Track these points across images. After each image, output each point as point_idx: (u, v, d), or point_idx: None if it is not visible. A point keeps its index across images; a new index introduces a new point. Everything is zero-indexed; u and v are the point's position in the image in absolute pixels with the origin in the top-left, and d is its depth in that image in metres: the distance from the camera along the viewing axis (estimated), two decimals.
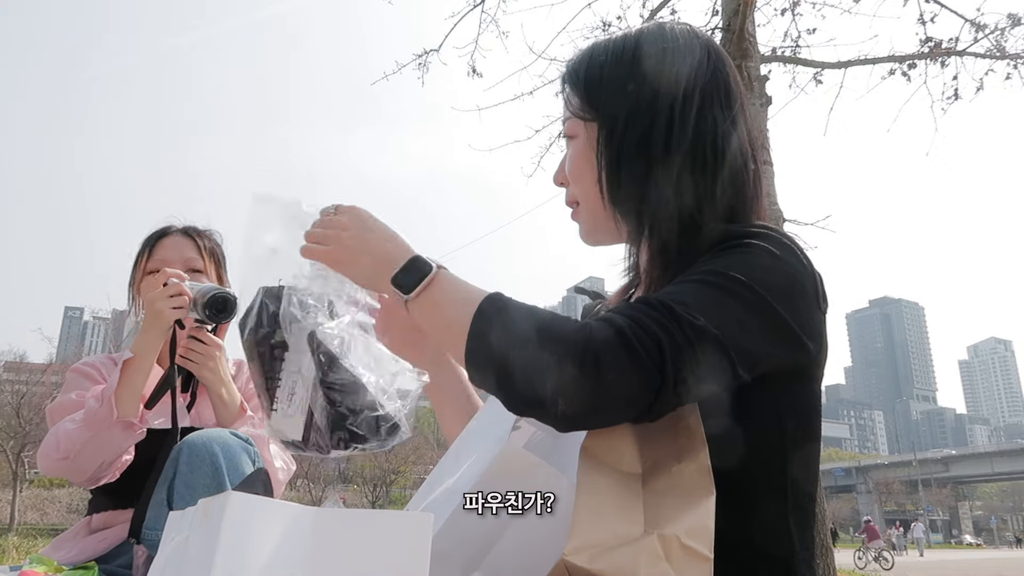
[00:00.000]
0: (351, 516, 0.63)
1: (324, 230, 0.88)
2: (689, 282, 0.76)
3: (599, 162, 0.92)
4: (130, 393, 1.43)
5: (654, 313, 0.70)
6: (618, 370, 0.67)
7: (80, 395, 1.53)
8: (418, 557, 0.60)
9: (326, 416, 0.87)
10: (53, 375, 23.91)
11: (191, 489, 1.12)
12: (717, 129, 0.91)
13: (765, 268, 0.77)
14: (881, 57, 5.10)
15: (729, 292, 0.74)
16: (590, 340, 0.68)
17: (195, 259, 1.73)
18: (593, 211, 0.96)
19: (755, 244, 0.80)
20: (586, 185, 0.95)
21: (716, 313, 0.72)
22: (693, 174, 0.89)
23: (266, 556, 0.58)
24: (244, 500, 0.59)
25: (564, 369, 0.67)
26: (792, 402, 0.83)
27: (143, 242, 1.76)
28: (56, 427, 1.48)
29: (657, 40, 0.95)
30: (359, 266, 0.86)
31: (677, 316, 0.70)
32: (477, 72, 5.93)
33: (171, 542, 0.69)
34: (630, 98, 0.90)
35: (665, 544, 0.64)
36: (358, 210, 0.89)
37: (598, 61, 0.95)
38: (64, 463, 1.43)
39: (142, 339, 1.45)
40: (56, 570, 1.26)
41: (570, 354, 0.68)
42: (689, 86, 0.91)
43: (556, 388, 0.68)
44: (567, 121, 0.97)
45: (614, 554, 0.63)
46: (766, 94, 4.09)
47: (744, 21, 4.06)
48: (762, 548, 0.72)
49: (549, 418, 0.71)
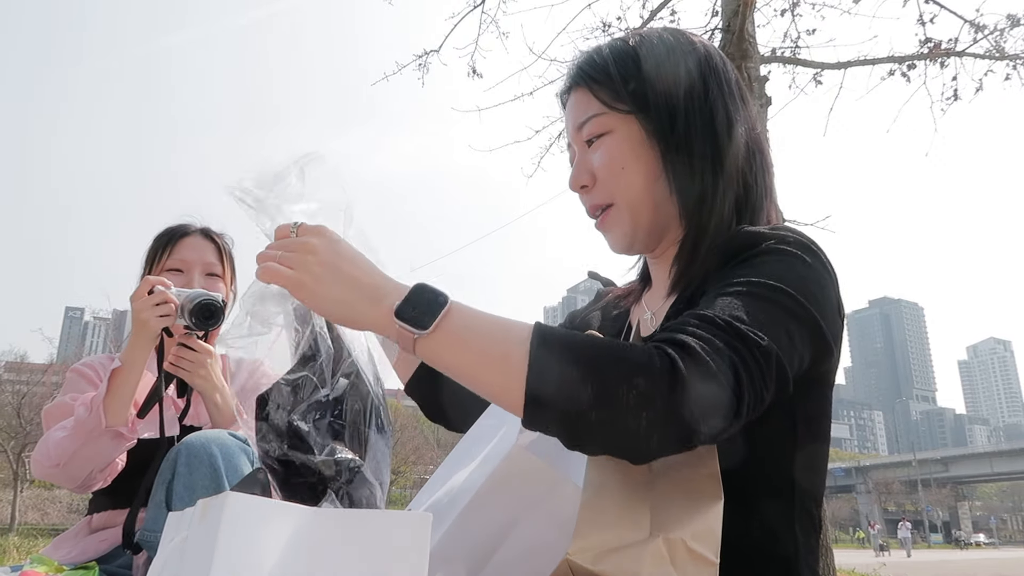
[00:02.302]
0: (350, 516, 0.62)
1: (287, 252, 0.75)
2: (738, 294, 0.74)
3: (654, 152, 0.90)
4: (118, 402, 1.42)
5: (724, 335, 0.67)
6: (705, 402, 0.64)
7: (75, 398, 1.52)
8: (417, 557, 0.60)
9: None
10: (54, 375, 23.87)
11: (190, 490, 1.12)
12: (751, 121, 0.95)
13: (802, 277, 0.77)
14: (881, 58, 5.10)
15: (779, 304, 0.73)
16: (675, 372, 0.63)
17: (215, 263, 1.71)
18: (636, 210, 0.92)
19: (788, 251, 0.80)
20: (631, 180, 0.91)
21: (773, 329, 0.71)
22: (744, 163, 0.92)
23: (265, 556, 0.57)
24: (242, 500, 0.59)
25: (652, 406, 0.62)
26: (807, 407, 0.83)
27: (159, 238, 1.73)
28: (47, 435, 1.48)
29: (673, 36, 0.96)
30: (332, 297, 0.73)
31: (743, 336, 0.68)
32: (477, 72, 5.92)
33: (170, 542, 0.69)
34: (677, 86, 0.90)
35: (670, 547, 0.64)
36: (327, 231, 0.77)
37: (623, 55, 0.93)
38: (55, 470, 1.44)
39: (130, 348, 1.44)
40: (57, 570, 1.26)
41: (657, 389, 0.62)
42: (722, 75, 0.94)
43: (645, 427, 0.62)
44: (591, 120, 0.93)
45: (618, 556, 0.63)
46: (766, 95, 4.08)
47: (744, 22, 4.06)
48: (766, 550, 0.71)
49: (637, 457, 0.67)
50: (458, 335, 0.69)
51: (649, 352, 0.65)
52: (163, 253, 1.70)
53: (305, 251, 0.75)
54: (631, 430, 0.62)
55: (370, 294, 0.73)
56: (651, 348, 0.65)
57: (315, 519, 0.61)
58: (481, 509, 0.73)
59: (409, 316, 0.69)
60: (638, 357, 0.64)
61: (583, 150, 0.95)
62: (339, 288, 0.73)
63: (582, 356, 0.65)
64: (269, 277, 0.75)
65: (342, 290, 0.73)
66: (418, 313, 0.69)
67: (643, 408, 0.62)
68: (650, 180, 0.91)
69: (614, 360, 0.64)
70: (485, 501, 0.73)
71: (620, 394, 0.62)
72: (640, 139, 0.91)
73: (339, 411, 0.82)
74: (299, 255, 0.75)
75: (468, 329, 0.69)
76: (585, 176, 0.94)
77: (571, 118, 0.96)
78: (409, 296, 0.70)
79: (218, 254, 1.73)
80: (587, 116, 0.93)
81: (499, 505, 0.73)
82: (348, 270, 0.74)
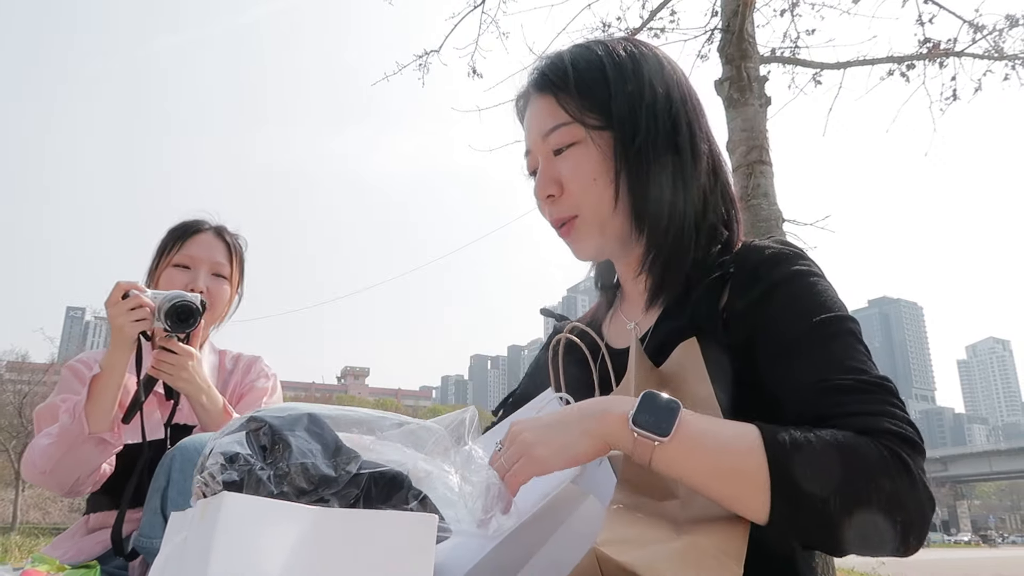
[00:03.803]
0: (353, 516, 0.61)
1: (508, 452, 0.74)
2: (827, 342, 0.78)
3: (622, 165, 0.90)
4: (100, 409, 1.41)
5: (892, 399, 0.73)
6: (922, 480, 0.68)
7: (65, 399, 1.51)
8: (422, 559, 0.59)
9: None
10: (55, 375, 23.86)
11: (184, 496, 1.11)
12: (707, 134, 0.97)
13: (832, 293, 0.83)
14: (880, 58, 5.09)
15: (855, 336, 0.79)
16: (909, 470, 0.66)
17: (223, 264, 1.70)
18: (602, 220, 0.93)
19: (804, 270, 0.85)
20: (598, 192, 0.91)
21: (873, 362, 0.77)
22: (708, 174, 0.94)
23: (263, 557, 0.56)
24: (240, 500, 0.58)
25: (902, 509, 0.65)
26: None
27: (171, 231, 1.71)
28: (34, 441, 1.47)
29: (637, 47, 0.96)
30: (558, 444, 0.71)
31: (894, 392, 0.74)
32: (477, 72, 5.92)
33: (171, 543, 0.69)
34: (644, 100, 0.91)
35: (696, 550, 0.65)
36: (518, 423, 0.76)
37: (590, 65, 0.93)
38: (42, 477, 1.44)
39: (109, 354, 1.43)
40: (58, 569, 1.26)
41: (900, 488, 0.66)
42: (684, 88, 0.95)
43: (900, 530, 0.65)
44: (559, 129, 0.92)
45: (643, 550, 0.63)
46: (765, 94, 4.07)
47: (743, 22, 4.05)
48: (765, 549, 0.72)
49: (895, 553, 0.68)
50: (695, 441, 0.68)
51: (877, 450, 0.67)
52: (172, 247, 1.68)
53: (515, 435, 0.74)
54: (885, 533, 0.65)
55: (594, 416, 0.72)
56: (873, 444, 0.67)
57: (315, 519, 0.60)
58: (519, 535, 0.73)
59: (646, 424, 0.68)
60: (873, 456, 0.67)
61: (548, 158, 0.94)
62: (557, 434, 0.72)
63: (822, 466, 0.65)
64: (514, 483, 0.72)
65: (560, 432, 0.72)
66: (657, 420, 0.68)
67: (894, 511, 0.65)
68: (619, 192, 0.91)
69: (853, 468, 0.66)
70: (525, 527, 0.74)
71: (870, 500, 0.65)
72: (608, 151, 0.91)
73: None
74: (515, 440, 0.74)
75: (704, 434, 0.69)
76: (552, 186, 0.94)
77: (535, 125, 0.95)
78: (643, 404, 0.69)
79: (228, 254, 1.71)
80: (554, 125, 0.92)
81: (533, 529, 0.74)
82: (554, 421, 0.74)
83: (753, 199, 3.76)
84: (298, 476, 0.66)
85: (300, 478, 0.66)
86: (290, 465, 0.66)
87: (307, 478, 0.66)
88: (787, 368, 0.78)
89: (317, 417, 0.72)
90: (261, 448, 0.68)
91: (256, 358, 1.82)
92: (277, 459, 0.67)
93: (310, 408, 0.73)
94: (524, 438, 0.73)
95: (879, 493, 0.65)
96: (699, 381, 0.79)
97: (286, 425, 0.69)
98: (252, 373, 1.77)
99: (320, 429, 0.71)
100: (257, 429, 0.69)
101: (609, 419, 0.70)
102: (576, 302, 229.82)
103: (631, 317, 1.01)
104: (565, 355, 0.98)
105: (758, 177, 3.81)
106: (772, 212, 3.78)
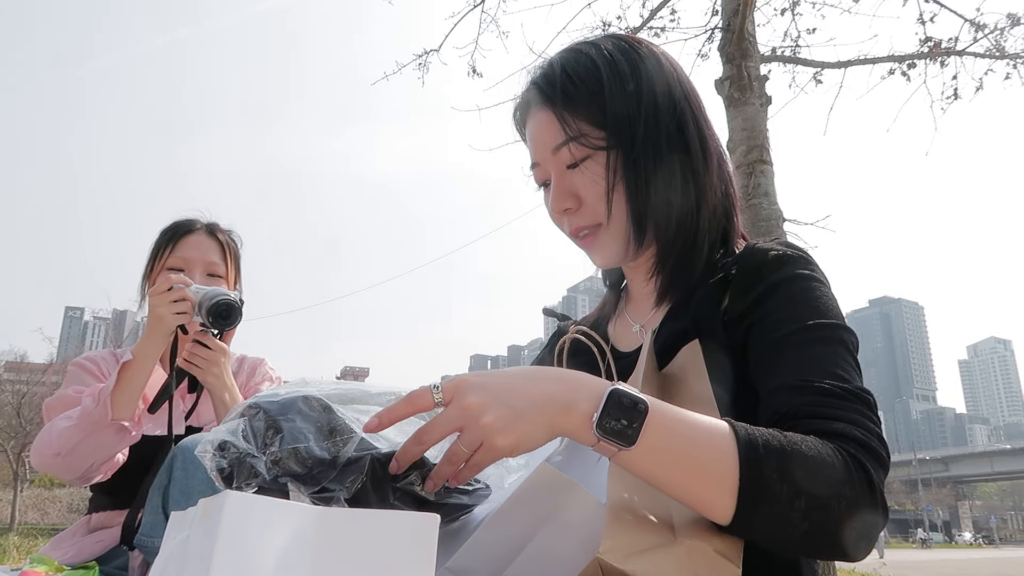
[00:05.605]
0: (355, 515, 0.61)
1: (459, 431, 0.66)
2: (816, 345, 0.78)
3: (633, 172, 0.89)
4: (127, 396, 1.42)
5: (867, 412, 0.74)
6: (881, 493, 0.69)
7: (78, 391, 1.51)
8: (424, 558, 0.58)
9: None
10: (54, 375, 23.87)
11: (186, 495, 1.11)
12: (711, 131, 0.96)
13: (831, 301, 0.83)
14: (881, 57, 5.10)
15: (846, 346, 0.79)
16: (871, 481, 0.68)
17: (217, 264, 1.68)
18: (623, 228, 0.92)
19: (805, 275, 0.84)
20: (616, 201, 0.90)
21: (858, 373, 0.78)
22: (717, 173, 0.94)
23: (266, 556, 0.56)
24: (243, 499, 0.58)
25: (859, 516, 0.66)
26: None
27: (163, 233, 1.69)
28: (51, 423, 1.47)
29: (631, 46, 0.94)
30: (527, 432, 0.66)
31: (871, 406, 0.75)
32: (477, 72, 5.92)
33: (172, 542, 0.69)
34: (644, 102, 0.90)
35: (695, 551, 0.66)
36: (466, 380, 0.67)
37: (587, 72, 0.90)
38: (56, 460, 1.43)
39: (143, 343, 1.44)
40: (57, 569, 1.26)
41: (862, 498, 0.67)
42: (686, 85, 0.94)
43: (856, 533, 0.66)
44: (569, 144, 0.89)
45: (646, 557, 0.64)
46: (766, 94, 4.07)
47: (744, 21, 4.05)
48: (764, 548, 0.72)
49: (844, 558, 0.69)
50: (663, 445, 0.65)
51: (842, 457, 0.68)
52: (165, 250, 1.67)
53: (472, 415, 0.65)
54: (839, 539, 0.66)
55: (551, 405, 0.66)
56: (839, 451, 0.68)
57: (318, 518, 0.60)
58: (501, 522, 0.73)
59: (614, 430, 0.64)
60: (839, 464, 0.67)
61: (561, 172, 0.92)
62: (519, 421, 0.65)
63: (792, 471, 0.66)
64: (468, 474, 0.69)
65: (521, 420, 0.65)
66: (625, 424, 0.64)
67: (852, 519, 0.66)
68: (636, 199, 0.90)
69: (820, 473, 0.66)
70: (507, 515, 0.73)
71: (830, 506, 0.65)
72: (622, 160, 0.90)
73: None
74: (472, 424, 0.65)
75: (672, 437, 0.66)
76: (570, 200, 0.92)
77: (541, 140, 0.92)
78: (608, 404, 0.65)
79: (222, 253, 1.70)
80: (563, 140, 0.90)
81: (519, 518, 0.73)
82: (517, 399, 0.66)
83: (753, 198, 3.76)
84: (290, 460, 0.67)
85: (292, 462, 0.67)
86: (282, 450, 0.67)
87: (300, 462, 0.67)
88: (772, 365, 0.79)
89: (311, 399, 0.71)
90: (257, 434, 0.68)
91: (260, 360, 1.82)
92: (268, 444, 0.67)
93: (306, 390, 0.73)
94: (485, 423, 0.65)
95: (840, 500, 0.65)
96: (701, 383, 0.80)
97: (280, 410, 0.70)
98: (257, 375, 1.77)
99: (313, 411, 0.71)
100: (254, 415, 0.70)
101: (574, 417, 0.66)
102: (576, 302, 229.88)
103: (636, 319, 1.01)
104: (570, 357, 0.98)
105: (758, 176, 3.81)
106: (772, 212, 3.78)
